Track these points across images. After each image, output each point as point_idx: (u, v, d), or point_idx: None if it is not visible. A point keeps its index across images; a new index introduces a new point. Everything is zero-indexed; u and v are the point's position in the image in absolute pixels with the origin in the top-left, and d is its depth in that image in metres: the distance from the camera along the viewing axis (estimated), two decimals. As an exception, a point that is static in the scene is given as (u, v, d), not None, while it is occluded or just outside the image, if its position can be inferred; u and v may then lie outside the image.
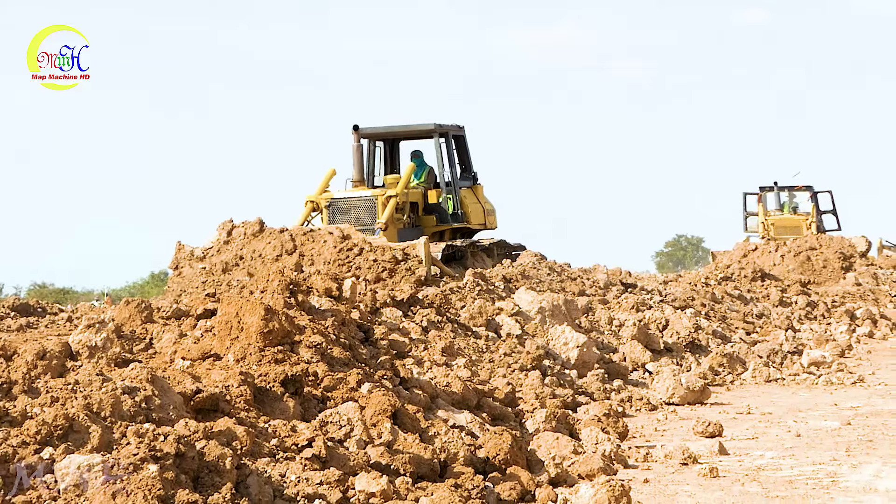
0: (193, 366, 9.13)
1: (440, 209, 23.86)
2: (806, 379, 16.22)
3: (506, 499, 8.19)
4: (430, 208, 23.86)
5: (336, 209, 22.40)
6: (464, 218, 24.19)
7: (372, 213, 22.22)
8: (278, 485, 7.15)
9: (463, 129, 24.79)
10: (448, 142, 24.22)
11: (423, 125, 24.30)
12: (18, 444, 6.55)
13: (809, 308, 25.27)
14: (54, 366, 7.89)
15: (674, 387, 14.14)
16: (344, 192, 22.78)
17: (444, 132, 24.14)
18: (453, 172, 24.17)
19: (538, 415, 11.12)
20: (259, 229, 20.44)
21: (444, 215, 23.90)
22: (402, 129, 24.57)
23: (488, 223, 25.15)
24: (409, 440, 8.49)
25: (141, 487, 6.16)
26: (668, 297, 21.90)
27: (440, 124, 24.08)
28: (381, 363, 10.73)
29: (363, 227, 21.82)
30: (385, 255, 19.32)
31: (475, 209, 24.65)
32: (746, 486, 8.96)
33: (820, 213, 40.37)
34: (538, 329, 16.03)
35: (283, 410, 8.51)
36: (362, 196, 22.52)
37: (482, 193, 25.19)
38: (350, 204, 22.42)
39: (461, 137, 24.76)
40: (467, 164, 24.87)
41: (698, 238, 70.97)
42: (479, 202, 24.90)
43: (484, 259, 23.48)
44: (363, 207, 22.33)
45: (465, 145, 24.83)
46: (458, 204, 24.05)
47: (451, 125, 24.44)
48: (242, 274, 19.48)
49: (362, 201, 22.41)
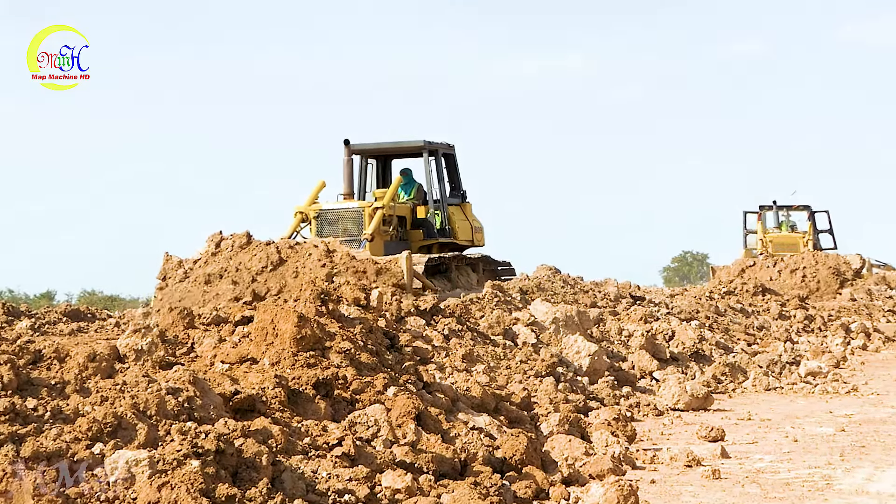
0: (232, 369, 9.19)
1: (428, 224, 23.09)
2: (803, 388, 16.21)
3: (522, 496, 8.24)
4: (417, 223, 23.09)
5: (324, 220, 21.67)
6: (451, 234, 23.39)
7: (359, 224, 21.47)
8: (310, 480, 7.20)
9: (453, 148, 23.98)
10: (438, 159, 23.40)
11: (412, 142, 23.55)
12: (71, 439, 6.62)
13: (807, 321, 25.24)
14: (104, 367, 7.96)
15: (679, 394, 14.17)
16: (332, 204, 22.05)
17: (434, 150, 23.34)
18: (442, 189, 23.38)
19: (552, 418, 11.17)
20: (247, 241, 19.53)
21: (431, 230, 23.10)
22: (393, 146, 23.88)
23: (476, 240, 24.28)
24: (432, 440, 8.54)
25: (184, 481, 6.23)
26: (675, 310, 21.93)
27: (430, 142, 23.29)
28: (405, 368, 10.78)
29: (350, 237, 21.23)
30: (368, 267, 18.82)
31: (463, 226, 23.81)
32: (746, 487, 8.98)
33: (817, 232, 40.20)
34: (552, 338, 16.07)
35: (314, 411, 8.57)
36: (350, 207, 21.80)
37: (471, 211, 24.35)
38: (338, 215, 21.68)
39: (451, 156, 23.96)
40: (456, 182, 24.06)
41: (703, 254, 70.89)
42: (466, 219, 24.04)
43: (468, 273, 22.88)
44: (351, 218, 21.59)
45: (454, 163, 24.03)
46: (445, 220, 23.27)
47: (442, 143, 23.67)
48: (227, 285, 18.83)
49: (350, 212, 21.68)
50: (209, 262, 19.34)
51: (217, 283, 19.04)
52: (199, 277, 19.25)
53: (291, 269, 18.72)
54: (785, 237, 39.78)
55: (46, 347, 8.12)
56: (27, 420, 6.77)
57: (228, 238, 19.78)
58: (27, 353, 7.94)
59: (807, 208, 40.48)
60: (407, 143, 23.69)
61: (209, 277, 19.06)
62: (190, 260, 19.71)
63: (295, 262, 18.84)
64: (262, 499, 6.65)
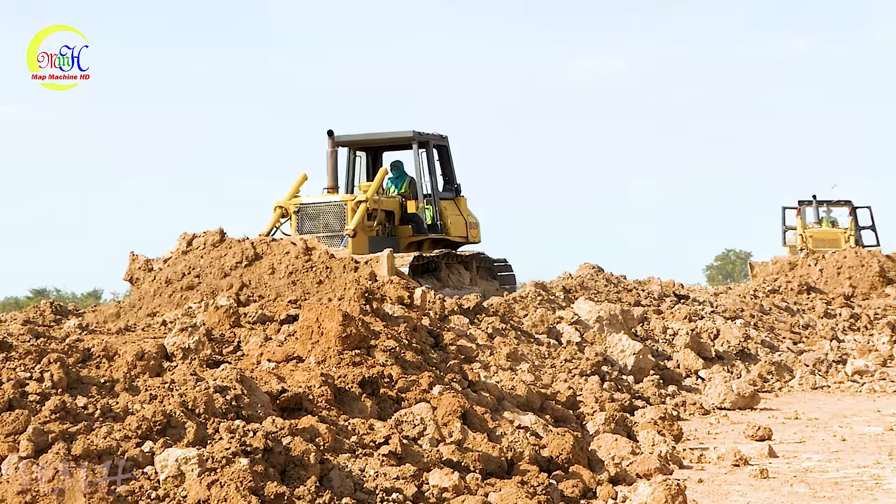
0: (278, 367, 9.24)
1: (417, 219, 21.91)
2: (850, 386, 16.14)
3: (569, 495, 8.23)
4: (407, 218, 21.88)
5: (305, 215, 20.32)
6: (443, 229, 22.06)
7: (341, 220, 20.16)
8: (358, 479, 7.22)
9: (446, 139, 22.78)
10: (429, 151, 22.17)
11: (401, 133, 22.31)
12: (121, 437, 6.67)
13: (853, 320, 25.09)
14: (152, 366, 8.02)
15: (725, 392, 14.14)
16: (313, 198, 20.63)
17: (425, 141, 22.13)
18: (433, 182, 22.17)
19: (598, 417, 11.16)
20: (220, 239, 17.99)
21: (420, 226, 21.88)
22: (380, 137, 22.65)
23: (471, 236, 22.95)
24: (478, 439, 8.55)
25: (233, 479, 6.26)
26: (719, 308, 21.85)
27: (420, 132, 22.06)
28: (450, 367, 10.80)
29: (332, 233, 20.08)
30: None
31: (456, 221, 22.50)
32: (795, 486, 8.95)
33: (859, 228, 39.11)
34: (597, 337, 16.06)
35: (361, 410, 8.60)
36: (332, 201, 20.47)
37: (465, 206, 23.06)
38: (319, 209, 20.37)
39: (444, 148, 22.72)
40: (450, 175, 22.80)
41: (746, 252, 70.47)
42: (460, 214, 22.73)
43: (460, 271, 21.64)
44: (332, 213, 20.31)
45: (448, 155, 22.79)
46: (437, 215, 21.99)
47: (434, 134, 22.42)
48: (192, 282, 17.37)
49: (331, 207, 20.37)
50: (179, 260, 17.76)
51: (187, 281, 17.73)
52: (169, 276, 17.70)
53: (267, 265, 17.64)
54: (825, 233, 38.59)
55: (95, 346, 8.18)
56: (77, 418, 6.82)
57: (201, 235, 18.29)
58: (76, 352, 8.01)
59: (848, 203, 39.13)
60: (395, 133, 22.53)
61: (180, 276, 17.59)
62: (160, 259, 18.19)
63: (271, 259, 17.63)
64: (311, 497, 6.68)
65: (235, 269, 17.37)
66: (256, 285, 16.85)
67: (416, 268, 19.68)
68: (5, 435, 6.46)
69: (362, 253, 18.85)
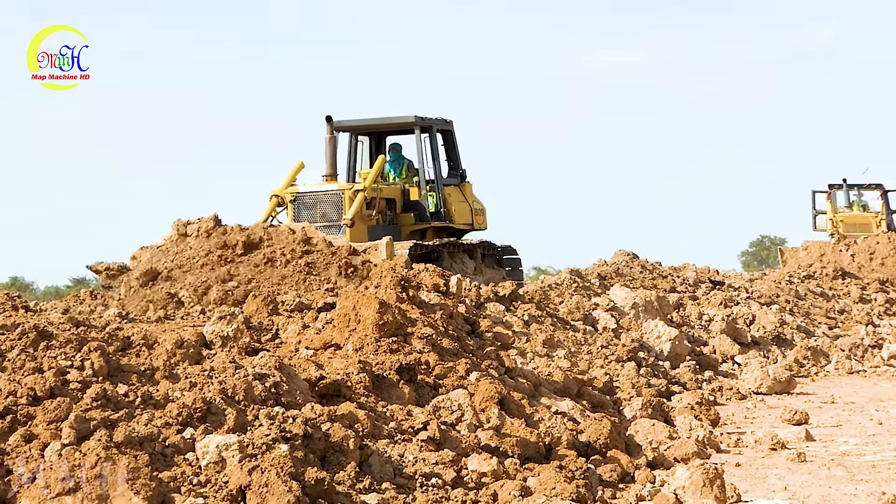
0: (316, 355, 9.25)
1: (420, 207, 20.93)
2: (886, 371, 16.07)
3: (607, 479, 8.23)
4: (409, 206, 20.93)
5: (301, 204, 19.52)
6: (447, 217, 21.08)
7: (339, 209, 19.33)
8: (397, 464, 7.23)
9: (450, 124, 21.74)
10: (432, 136, 21.14)
11: (402, 118, 21.26)
12: (162, 424, 6.70)
13: (888, 304, 24.93)
14: (191, 354, 8.05)
15: (762, 377, 14.09)
16: (309, 187, 19.79)
17: (427, 126, 21.11)
18: (436, 168, 21.11)
19: (635, 402, 11.14)
20: (214, 226, 16.91)
21: (423, 213, 20.89)
22: (380, 122, 21.67)
23: (476, 223, 21.91)
24: (516, 424, 8.55)
25: (274, 465, 6.27)
26: (755, 294, 21.77)
27: (422, 117, 21.07)
28: (487, 353, 10.80)
29: (329, 223, 19.22)
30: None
31: (461, 208, 21.50)
32: (832, 470, 8.92)
33: (890, 212, 38.10)
34: (632, 323, 16.03)
35: (399, 396, 8.61)
36: (328, 190, 19.60)
37: (471, 192, 21.97)
38: (316, 198, 19.55)
39: (448, 132, 21.68)
40: (455, 161, 21.76)
41: (781, 238, 70.08)
42: (465, 201, 21.69)
43: (464, 260, 20.68)
44: (330, 202, 19.47)
45: (452, 140, 21.73)
46: (440, 202, 20.97)
47: (436, 119, 21.42)
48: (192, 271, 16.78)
49: (328, 195, 19.53)
50: (171, 248, 16.72)
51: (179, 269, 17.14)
52: (163, 263, 16.68)
53: (263, 254, 17.02)
54: (856, 217, 37.31)
55: (135, 334, 8.22)
56: (118, 406, 6.86)
57: (195, 222, 18.08)
58: (116, 340, 8.04)
59: (879, 187, 37.70)
60: (396, 118, 21.52)
61: (172, 263, 17.13)
62: (153, 246, 17.17)
63: (269, 247, 17.03)
64: (351, 482, 6.70)
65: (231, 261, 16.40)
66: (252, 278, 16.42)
67: (416, 257, 18.65)
68: (48, 422, 6.50)
69: (360, 242, 17.87)
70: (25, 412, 6.62)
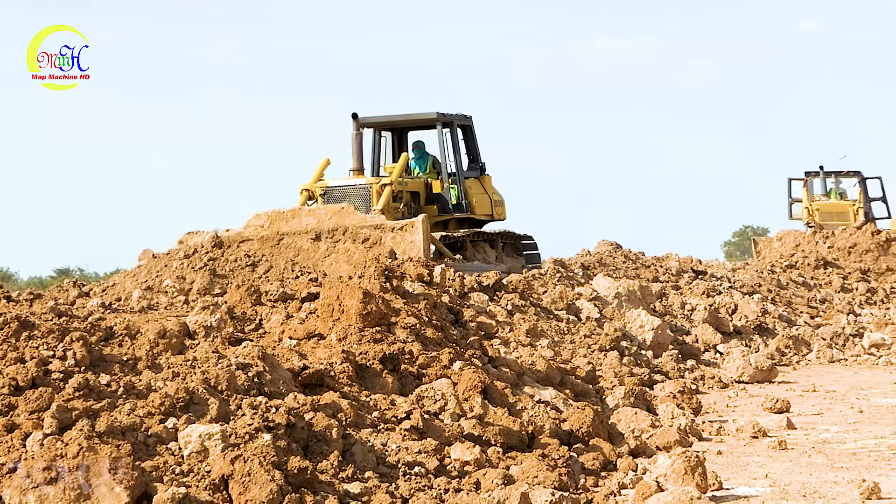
0: (300, 344, 9.21)
1: (443, 199, 21.77)
2: (867, 359, 16.09)
3: (590, 468, 8.21)
4: (433, 198, 21.76)
5: (331, 198, 20.15)
6: (468, 208, 22.00)
7: (367, 202, 20.00)
8: (381, 453, 7.21)
9: (470, 119, 22.57)
10: (453, 131, 22.04)
11: (424, 114, 22.17)
12: (144, 414, 6.66)
13: (869, 294, 24.98)
14: (174, 344, 7.99)
15: (743, 366, 14.10)
16: (339, 181, 20.66)
17: (448, 121, 21.99)
18: (458, 161, 22.03)
19: (617, 391, 11.13)
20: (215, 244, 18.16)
21: (446, 205, 21.75)
22: (404, 119, 22.50)
23: (496, 214, 22.85)
24: (499, 413, 8.52)
25: (256, 454, 6.24)
26: (737, 284, 21.78)
27: (443, 113, 21.92)
28: (470, 343, 10.77)
29: None
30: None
31: (481, 199, 22.42)
32: (813, 457, 8.91)
33: (869, 200, 36.57)
34: (615, 313, 16.01)
35: (382, 386, 8.57)
36: (357, 184, 20.40)
37: (490, 184, 22.92)
38: (345, 192, 20.25)
39: (468, 127, 22.53)
40: (474, 154, 22.62)
41: (764, 228, 70.13)
42: (485, 192, 22.62)
43: (486, 250, 21.76)
44: (358, 196, 20.14)
45: (472, 135, 22.60)
46: (462, 194, 21.90)
47: (457, 115, 22.26)
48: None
49: (357, 189, 20.28)
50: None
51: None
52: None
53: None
54: (833, 205, 36.09)
55: (117, 324, 8.16)
56: (101, 396, 6.81)
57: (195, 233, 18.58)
58: (99, 331, 7.99)
59: (857, 174, 36.79)
60: (419, 115, 22.41)
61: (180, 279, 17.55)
62: (167, 256, 18.34)
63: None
64: (334, 471, 6.67)
65: None
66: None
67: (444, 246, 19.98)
68: (30, 412, 6.46)
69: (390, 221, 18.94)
70: (7, 402, 6.58)
